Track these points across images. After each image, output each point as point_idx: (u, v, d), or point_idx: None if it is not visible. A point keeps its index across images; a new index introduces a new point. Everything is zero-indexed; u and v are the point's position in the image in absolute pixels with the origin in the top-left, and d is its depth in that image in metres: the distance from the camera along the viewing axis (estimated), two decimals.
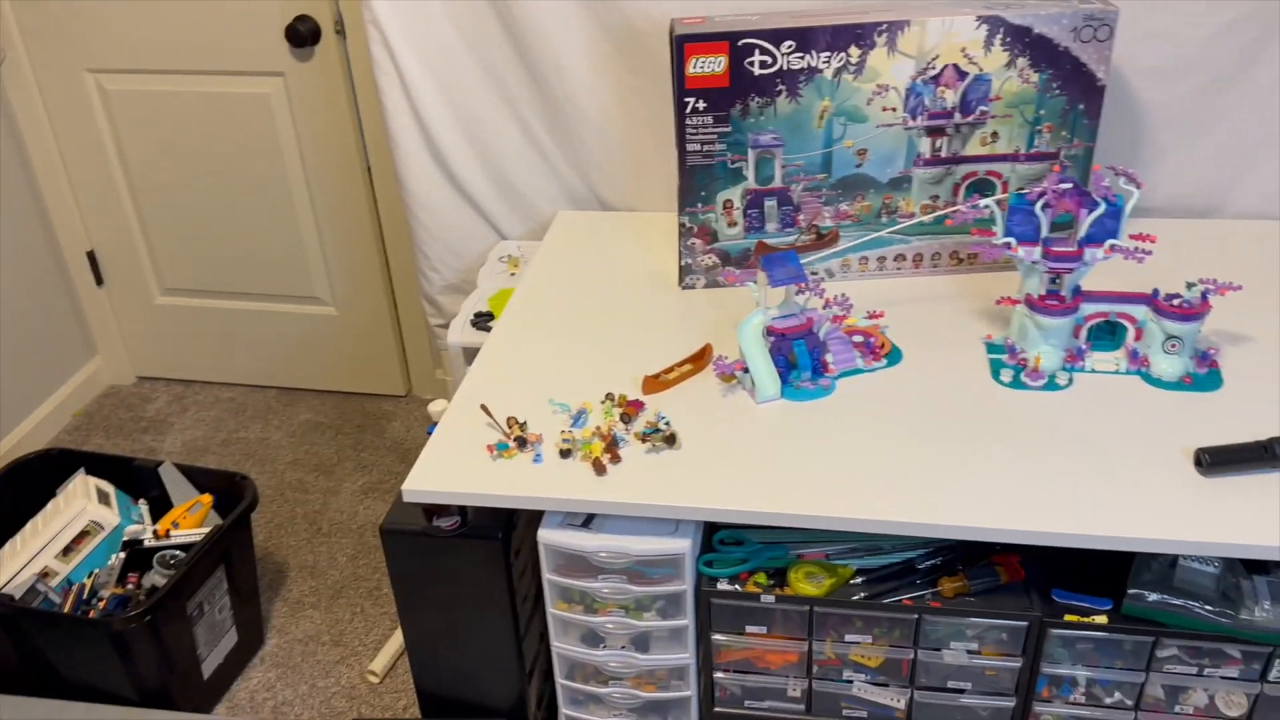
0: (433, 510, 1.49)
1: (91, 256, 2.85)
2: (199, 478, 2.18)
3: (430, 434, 1.52)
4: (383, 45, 2.05)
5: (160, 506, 2.14)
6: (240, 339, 2.90)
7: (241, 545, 2.12)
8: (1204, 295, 1.50)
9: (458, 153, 2.16)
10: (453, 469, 1.45)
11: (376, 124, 2.24)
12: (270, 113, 2.52)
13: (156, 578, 1.98)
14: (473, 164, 2.18)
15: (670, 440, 1.47)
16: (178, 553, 1.99)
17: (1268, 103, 1.88)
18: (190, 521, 2.06)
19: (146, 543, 2.02)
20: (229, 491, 2.12)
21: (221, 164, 2.62)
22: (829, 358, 1.62)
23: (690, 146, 1.74)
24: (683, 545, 1.43)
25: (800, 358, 1.58)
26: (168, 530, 2.03)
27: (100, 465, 2.19)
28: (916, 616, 1.44)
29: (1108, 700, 1.48)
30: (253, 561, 2.18)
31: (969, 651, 1.46)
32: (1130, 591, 1.39)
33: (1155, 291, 1.53)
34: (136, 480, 2.18)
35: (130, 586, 1.98)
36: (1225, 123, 1.91)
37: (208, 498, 2.11)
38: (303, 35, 2.37)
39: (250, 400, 2.92)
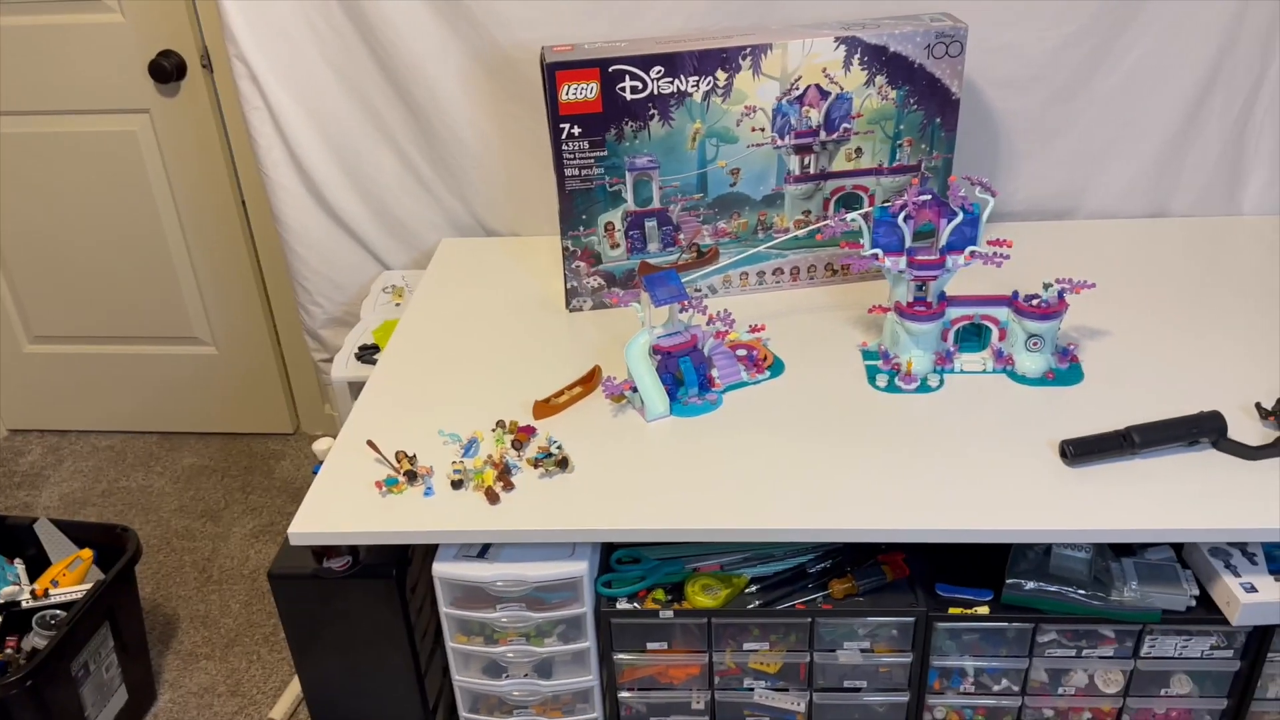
0: (323, 551, 1.47)
1: None
2: (77, 532, 2.09)
3: (316, 474, 1.50)
4: (250, 80, 2.02)
5: (38, 565, 2.04)
6: (117, 384, 2.79)
7: (126, 599, 2.04)
8: (1060, 294, 1.59)
9: (335, 185, 2.14)
10: (341, 508, 1.43)
11: (249, 158, 2.20)
12: (137, 150, 2.44)
13: (37, 640, 1.89)
14: (351, 195, 2.16)
15: (563, 464, 1.48)
16: (58, 612, 1.91)
17: (1111, 108, 2.00)
18: (70, 579, 1.97)
19: (25, 604, 1.92)
20: (110, 545, 2.04)
21: (88, 204, 2.52)
22: (714, 373, 1.65)
23: (569, 171, 1.76)
24: (580, 568, 1.44)
25: (687, 374, 1.60)
26: (46, 589, 1.94)
27: None
28: (810, 620, 1.48)
29: (995, 688, 1.54)
30: (139, 615, 2.10)
31: (862, 650, 1.50)
32: (1009, 581, 1.45)
33: (1015, 293, 1.61)
34: (11, 538, 2.07)
35: (9, 651, 1.89)
36: (1074, 128, 2.02)
37: (88, 553, 2.02)
38: (167, 71, 2.31)
39: (130, 447, 2.82)
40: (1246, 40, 1.92)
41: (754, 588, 1.51)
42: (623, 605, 1.49)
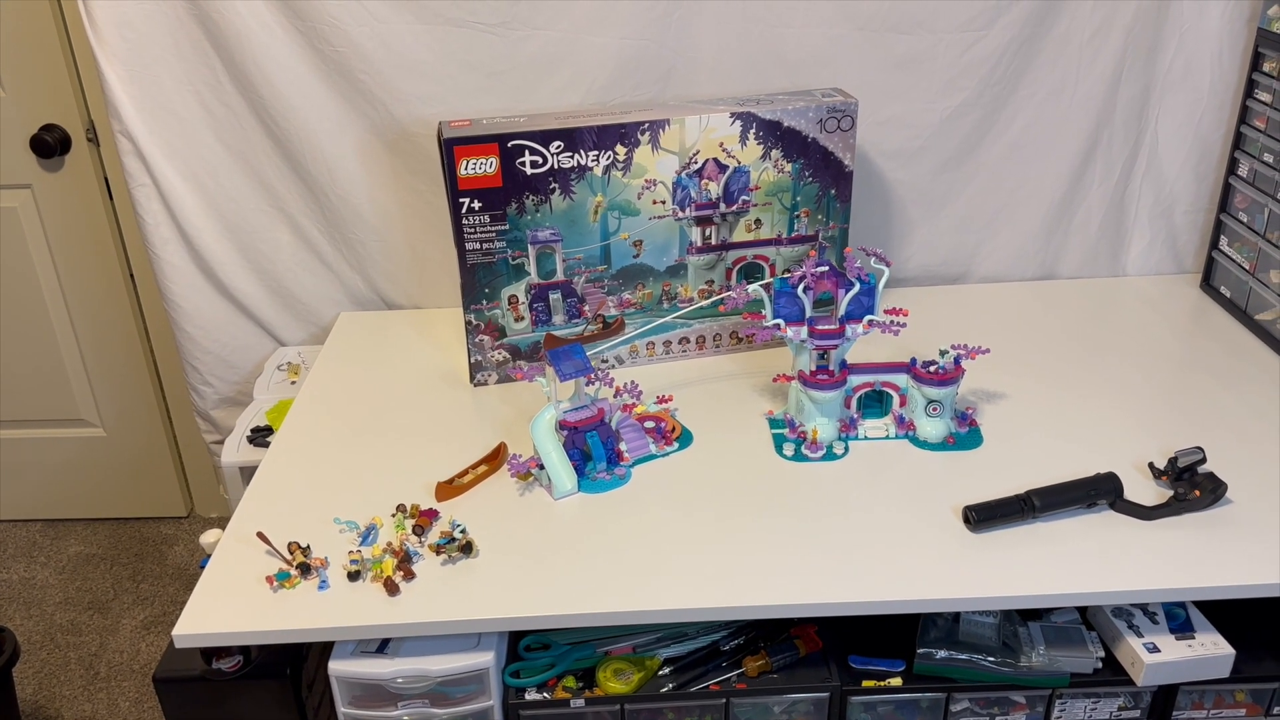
0: (212, 651, 1.39)
1: None
2: None
3: (204, 568, 1.42)
4: (136, 156, 1.95)
5: None
6: None
7: (3, 705, 1.91)
8: (956, 360, 1.61)
9: (227, 262, 2.07)
10: (229, 606, 1.36)
11: (138, 233, 2.12)
12: (18, 227, 2.35)
13: None
14: (244, 272, 2.09)
15: (467, 549, 1.44)
16: None
17: (998, 175, 2.07)
18: None
19: None
20: None
21: None
22: (623, 446, 1.63)
23: (470, 245, 1.74)
24: (486, 659, 1.39)
25: (594, 449, 1.58)
26: None
27: None
28: (725, 700, 1.45)
29: None
30: None
31: None
32: (920, 651, 1.45)
33: (913, 360, 1.63)
34: None
35: None
36: (963, 196, 2.08)
37: None
38: (50, 145, 2.23)
39: (11, 537, 2.66)
40: (1122, 110, 2.01)
41: (667, 669, 1.48)
42: (532, 696, 1.44)
